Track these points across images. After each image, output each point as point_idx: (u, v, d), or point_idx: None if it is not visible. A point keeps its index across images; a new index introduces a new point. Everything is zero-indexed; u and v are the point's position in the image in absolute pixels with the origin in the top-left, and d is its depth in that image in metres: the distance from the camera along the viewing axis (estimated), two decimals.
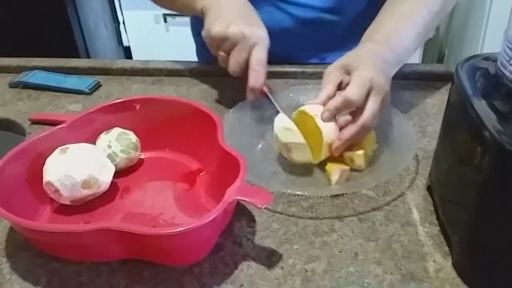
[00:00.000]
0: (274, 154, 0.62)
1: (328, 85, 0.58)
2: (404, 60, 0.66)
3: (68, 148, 0.54)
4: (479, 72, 0.46)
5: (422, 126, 0.67)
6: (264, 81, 0.64)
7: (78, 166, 0.52)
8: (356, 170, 0.58)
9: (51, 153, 0.54)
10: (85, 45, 1.81)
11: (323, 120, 0.56)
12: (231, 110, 0.66)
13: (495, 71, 0.43)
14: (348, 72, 0.58)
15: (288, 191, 0.54)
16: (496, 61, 0.44)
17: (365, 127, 0.55)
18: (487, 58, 0.48)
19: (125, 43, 2.12)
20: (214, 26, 0.64)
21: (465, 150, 0.44)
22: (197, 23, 0.91)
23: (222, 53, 0.66)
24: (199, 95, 0.78)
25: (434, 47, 1.98)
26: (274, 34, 0.69)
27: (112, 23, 2.05)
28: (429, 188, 0.55)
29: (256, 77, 0.62)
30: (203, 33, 0.66)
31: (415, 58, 1.84)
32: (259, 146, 0.64)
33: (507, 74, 0.41)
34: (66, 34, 1.74)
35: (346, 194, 0.55)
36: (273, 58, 0.68)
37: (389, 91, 0.58)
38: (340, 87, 0.59)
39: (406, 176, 0.58)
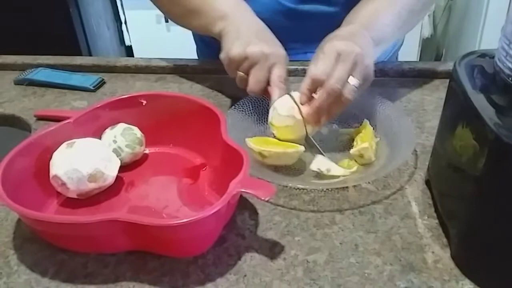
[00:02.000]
0: None
1: (305, 79, 0.59)
2: (384, 37, 0.66)
3: (74, 142, 0.55)
4: (477, 68, 0.47)
5: (420, 122, 0.68)
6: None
7: (85, 160, 0.54)
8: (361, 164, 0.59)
9: (57, 148, 0.55)
10: (88, 44, 1.83)
11: (301, 103, 0.58)
12: (233, 107, 0.67)
13: (493, 66, 0.45)
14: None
15: (290, 185, 0.56)
16: (493, 57, 0.45)
17: (332, 92, 0.56)
18: (484, 54, 0.49)
19: (127, 43, 2.13)
20: (234, 48, 0.65)
21: (463, 144, 0.46)
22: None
23: (241, 74, 0.66)
24: (201, 92, 0.79)
25: (431, 46, 1.99)
26: (269, 25, 0.70)
27: (114, 23, 2.07)
28: (427, 182, 0.56)
29: (281, 94, 0.62)
30: (222, 55, 0.68)
31: (413, 57, 1.86)
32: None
33: (505, 69, 0.43)
34: (69, 34, 1.75)
35: (347, 187, 0.56)
36: None
37: (363, 57, 0.57)
38: None
39: (405, 170, 0.59)
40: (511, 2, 0.41)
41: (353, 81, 0.57)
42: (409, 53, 1.82)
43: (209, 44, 0.87)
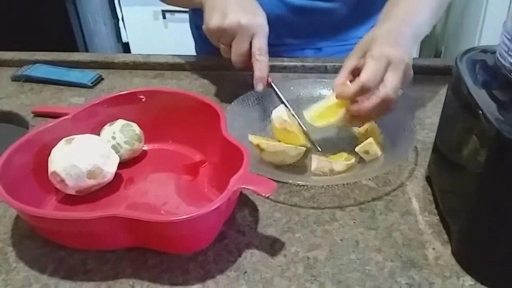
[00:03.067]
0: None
1: (341, 72, 0.58)
2: (421, 33, 0.65)
3: (73, 139, 0.55)
4: (478, 63, 0.47)
5: (421, 118, 0.68)
6: (268, 70, 0.64)
7: (84, 157, 0.53)
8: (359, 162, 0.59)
9: (56, 144, 0.55)
10: (84, 41, 1.82)
11: (348, 110, 0.56)
12: (232, 103, 0.67)
13: (494, 62, 0.44)
14: (364, 55, 0.57)
15: (290, 181, 0.55)
16: (494, 53, 0.45)
17: (386, 100, 0.54)
18: (485, 50, 0.49)
19: (124, 40, 2.12)
20: (212, 20, 0.64)
21: (464, 141, 0.45)
22: (195, 17, 0.92)
23: (222, 46, 0.66)
24: (200, 88, 0.79)
25: (430, 44, 1.99)
26: (269, 21, 0.69)
27: (111, 20, 2.06)
28: (428, 179, 0.56)
29: (260, 67, 0.63)
30: (203, 26, 0.67)
31: (412, 53, 1.85)
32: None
33: (506, 64, 0.43)
34: (66, 31, 1.74)
35: (347, 184, 0.56)
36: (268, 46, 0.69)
37: (409, 64, 0.56)
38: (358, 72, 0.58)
39: (405, 167, 0.59)
40: None
41: (399, 91, 0.56)
42: None
43: (207, 39, 0.86)
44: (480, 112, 0.41)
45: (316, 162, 0.57)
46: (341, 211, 0.53)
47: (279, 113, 0.59)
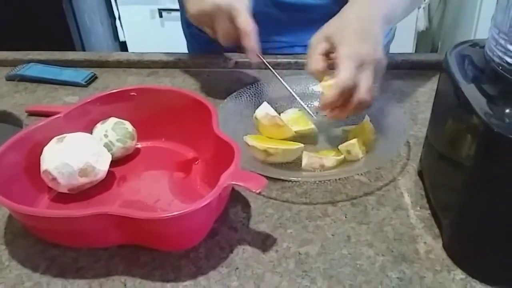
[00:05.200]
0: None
1: (315, 56, 0.58)
2: (395, 16, 0.65)
3: (65, 137, 0.55)
4: (467, 58, 0.47)
5: (413, 113, 0.68)
6: (256, 39, 0.64)
7: (75, 155, 0.53)
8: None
9: (48, 143, 0.55)
10: (81, 40, 1.82)
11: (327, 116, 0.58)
12: (225, 100, 0.67)
13: (483, 56, 0.44)
14: (333, 45, 0.58)
15: (282, 177, 0.55)
16: (483, 47, 0.45)
17: (362, 103, 0.55)
18: (475, 44, 0.49)
19: (121, 38, 2.12)
20: (191, 5, 0.64)
21: (454, 135, 0.45)
22: (183, 8, 0.92)
23: (208, 29, 0.66)
24: (194, 86, 0.79)
25: (427, 39, 1.99)
26: (257, 18, 0.69)
27: (107, 19, 2.06)
28: (420, 173, 0.56)
29: (249, 39, 0.62)
30: (186, 15, 0.67)
31: (409, 50, 1.85)
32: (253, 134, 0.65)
33: (495, 58, 0.42)
34: (62, 30, 1.74)
35: (339, 179, 0.56)
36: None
37: (380, 58, 0.56)
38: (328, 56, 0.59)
39: (397, 162, 0.59)
40: None
41: (374, 87, 0.56)
42: (405, 46, 1.81)
43: (197, 36, 0.86)
44: (470, 106, 0.41)
45: (307, 158, 0.57)
46: (333, 207, 0.53)
47: (265, 110, 0.59)
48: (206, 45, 0.68)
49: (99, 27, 2.00)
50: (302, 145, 0.58)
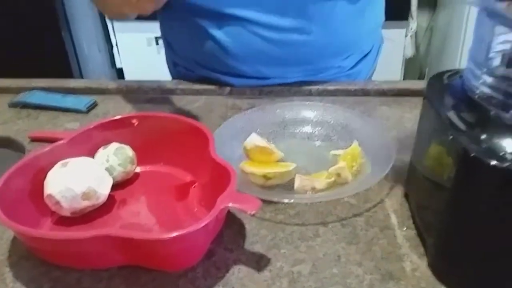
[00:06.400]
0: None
1: None
2: None
3: (68, 162, 0.57)
4: (448, 86, 0.51)
5: (400, 138, 0.71)
6: None
7: (78, 179, 0.56)
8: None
9: (52, 168, 0.57)
10: (79, 67, 1.86)
11: None
12: (221, 125, 0.70)
13: (462, 84, 0.48)
14: None
15: (275, 199, 0.58)
16: (462, 76, 0.49)
17: None
18: (455, 73, 0.53)
19: (118, 65, 2.17)
20: None
21: (436, 159, 0.49)
22: (171, 55, 0.96)
23: None
24: (191, 112, 0.82)
25: (415, 66, 2.05)
26: (244, 54, 0.72)
27: (105, 46, 2.10)
28: (406, 195, 0.59)
29: None
30: None
31: (397, 77, 1.91)
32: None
33: (472, 88, 0.46)
34: (60, 57, 1.78)
35: (330, 201, 0.59)
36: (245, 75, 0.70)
37: None
38: None
39: (385, 184, 0.62)
40: (476, 24, 0.43)
41: None
42: (393, 73, 1.87)
43: (184, 76, 0.91)
44: (449, 132, 0.44)
45: (299, 180, 0.60)
46: (324, 227, 0.56)
47: (253, 142, 0.63)
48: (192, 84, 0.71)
49: (97, 54, 2.04)
50: (295, 164, 0.61)
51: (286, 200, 0.58)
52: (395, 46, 1.81)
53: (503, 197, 0.42)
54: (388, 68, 0.98)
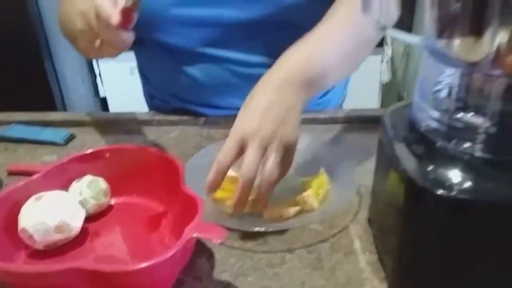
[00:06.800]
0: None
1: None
2: (324, 81, 0.65)
3: (42, 196, 0.59)
4: (401, 117, 0.54)
5: (365, 164, 0.74)
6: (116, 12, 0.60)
7: (51, 213, 0.57)
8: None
9: (26, 201, 0.59)
10: (62, 97, 1.88)
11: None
12: (195, 156, 0.73)
13: (411, 117, 0.51)
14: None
15: (244, 228, 0.60)
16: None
17: (245, 181, 0.56)
18: (409, 104, 0.56)
19: (102, 94, 2.19)
20: (76, 24, 0.67)
21: (390, 186, 0.51)
22: (147, 88, 1.00)
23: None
24: (167, 142, 0.84)
25: (392, 91, 2.10)
26: (216, 87, 0.75)
27: (88, 76, 2.13)
28: (369, 221, 0.61)
29: (107, 14, 0.58)
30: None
31: (374, 102, 1.96)
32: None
33: (419, 120, 0.49)
34: (43, 88, 1.80)
35: (297, 229, 0.61)
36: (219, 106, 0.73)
37: (271, 132, 0.56)
38: None
39: (350, 210, 0.64)
40: (421, 61, 0.46)
41: (269, 163, 0.56)
42: (371, 98, 1.92)
43: (160, 108, 0.95)
44: (399, 162, 0.47)
45: (267, 209, 0.62)
46: (291, 254, 0.58)
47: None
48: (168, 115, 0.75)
49: (80, 84, 2.07)
50: None
51: (255, 229, 0.60)
52: (371, 72, 1.86)
53: (452, 224, 0.44)
54: (366, 93, 1.02)
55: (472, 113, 0.43)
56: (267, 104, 0.59)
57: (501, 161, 0.43)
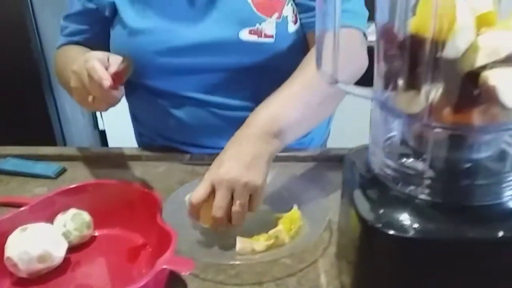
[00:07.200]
0: (209, 229, 0.71)
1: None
2: (291, 135, 0.72)
3: (28, 227, 0.63)
4: (361, 159, 0.58)
5: (337, 200, 0.77)
6: (103, 70, 0.68)
7: (35, 243, 0.61)
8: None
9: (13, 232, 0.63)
10: (62, 129, 1.93)
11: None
12: (176, 190, 0.77)
13: (367, 160, 0.55)
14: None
15: (217, 261, 0.64)
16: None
17: (216, 220, 0.64)
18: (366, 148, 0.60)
19: (101, 127, 2.25)
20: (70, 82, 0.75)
21: (351, 223, 0.55)
22: (137, 126, 1.05)
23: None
24: (154, 177, 0.88)
25: None
26: (201, 129, 0.80)
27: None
28: (336, 255, 0.65)
29: (94, 73, 0.67)
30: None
31: (365, 138, 1.98)
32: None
33: (373, 165, 0.53)
34: (44, 121, 1.86)
35: (268, 262, 0.64)
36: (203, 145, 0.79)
37: (236, 177, 0.63)
38: None
39: (320, 245, 0.67)
40: (374, 109, 0.50)
41: (235, 206, 0.64)
42: (362, 135, 1.95)
43: (148, 146, 1.00)
44: (354, 203, 0.51)
45: (240, 243, 0.65)
46: (260, 287, 0.61)
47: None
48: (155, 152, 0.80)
49: (80, 117, 2.13)
50: None
51: (228, 262, 0.64)
52: (361, 109, 1.91)
53: (401, 260, 0.48)
54: (357, 130, 1.05)
55: (415, 160, 0.47)
56: (236, 154, 0.67)
57: (443, 204, 0.47)
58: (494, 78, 0.39)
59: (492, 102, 0.40)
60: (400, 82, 0.45)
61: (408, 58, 0.42)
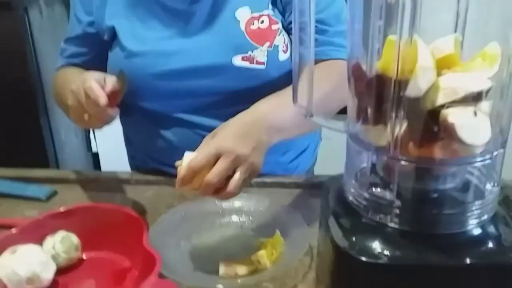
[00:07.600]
0: (196, 252, 0.73)
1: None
2: (284, 128, 0.75)
3: (17, 249, 0.65)
4: (337, 186, 0.61)
5: (318, 226, 0.80)
6: (100, 90, 0.72)
7: (23, 265, 0.63)
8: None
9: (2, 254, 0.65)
10: (55, 151, 1.95)
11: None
12: (164, 214, 0.79)
13: (342, 188, 0.58)
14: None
15: (200, 285, 0.66)
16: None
17: (208, 184, 0.64)
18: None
19: (94, 150, 2.27)
20: (68, 100, 0.78)
21: (327, 248, 0.57)
22: (129, 149, 1.08)
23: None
24: (143, 200, 0.90)
25: None
26: (189, 151, 0.83)
27: (82, 131, 2.22)
28: (316, 280, 0.67)
29: (92, 92, 0.71)
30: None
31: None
32: (184, 245, 0.75)
33: (346, 193, 0.56)
34: (37, 143, 1.87)
35: (249, 286, 0.67)
36: None
37: (246, 154, 0.65)
38: None
39: (300, 270, 0.70)
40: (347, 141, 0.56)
41: (235, 179, 0.66)
42: None
43: (140, 168, 1.03)
44: (330, 230, 0.53)
45: (223, 267, 0.68)
46: None
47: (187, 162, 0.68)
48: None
49: (73, 139, 2.15)
50: None
51: (212, 286, 0.66)
52: None
53: (372, 285, 0.50)
54: (344, 157, 1.08)
55: (384, 190, 0.50)
56: (243, 133, 0.69)
57: (411, 232, 0.49)
58: (453, 116, 0.43)
59: (452, 138, 0.44)
60: (369, 116, 0.48)
61: (375, 95, 0.46)
